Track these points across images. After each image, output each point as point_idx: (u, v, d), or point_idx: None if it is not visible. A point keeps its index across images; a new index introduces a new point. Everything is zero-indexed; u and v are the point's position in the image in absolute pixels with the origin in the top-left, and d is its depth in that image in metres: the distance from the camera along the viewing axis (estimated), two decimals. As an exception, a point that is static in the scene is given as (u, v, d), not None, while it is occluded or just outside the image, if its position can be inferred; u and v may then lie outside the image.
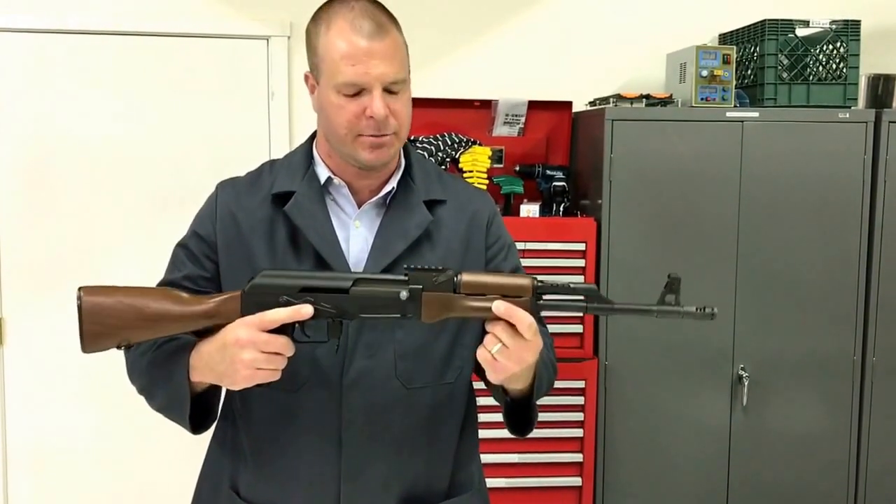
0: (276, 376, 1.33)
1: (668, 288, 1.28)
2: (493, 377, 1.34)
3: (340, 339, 1.37)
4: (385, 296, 1.32)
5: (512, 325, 1.28)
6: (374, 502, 1.45)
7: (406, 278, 1.33)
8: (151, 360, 1.44)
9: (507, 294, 1.31)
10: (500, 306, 1.28)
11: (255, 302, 1.33)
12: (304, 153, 1.53)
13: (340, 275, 1.36)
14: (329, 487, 1.45)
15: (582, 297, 1.31)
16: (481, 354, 1.31)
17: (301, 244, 1.45)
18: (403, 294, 1.31)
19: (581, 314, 2.67)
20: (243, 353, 1.29)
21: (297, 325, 1.33)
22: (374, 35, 1.38)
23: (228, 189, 1.53)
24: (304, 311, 1.31)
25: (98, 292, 1.35)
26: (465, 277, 1.32)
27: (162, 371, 1.42)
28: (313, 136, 1.55)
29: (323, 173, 1.49)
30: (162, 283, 1.50)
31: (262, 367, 1.31)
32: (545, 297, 1.32)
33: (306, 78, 1.48)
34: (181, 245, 1.53)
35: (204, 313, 1.36)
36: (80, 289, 1.35)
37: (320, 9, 1.44)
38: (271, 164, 1.56)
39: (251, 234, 1.46)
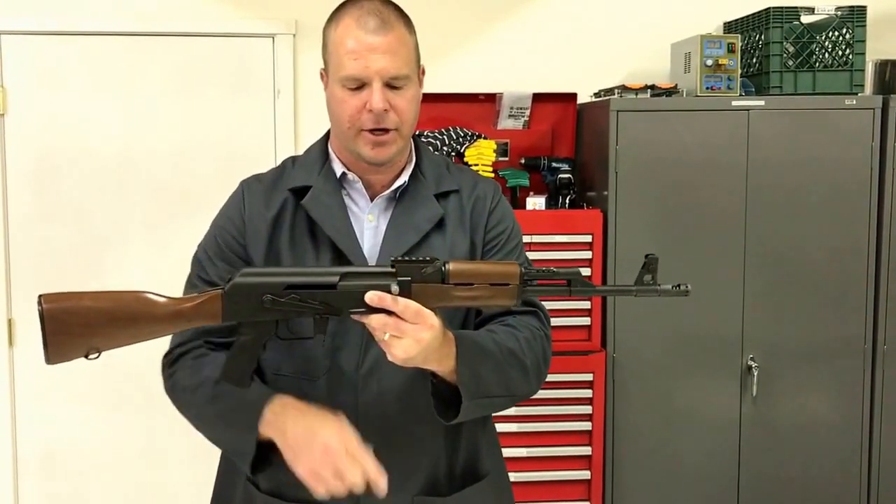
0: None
1: (646, 268, 1.33)
2: (396, 361, 1.30)
3: (327, 334, 1.35)
4: (375, 289, 1.29)
5: (391, 312, 1.27)
6: (393, 491, 1.43)
7: (394, 270, 1.31)
8: (218, 412, 1.43)
9: (495, 281, 1.31)
10: (372, 297, 1.27)
11: (237, 302, 1.31)
12: (320, 149, 1.57)
13: (325, 269, 1.34)
14: None
15: (566, 282, 1.33)
16: (379, 339, 1.30)
17: (319, 237, 1.48)
18: (394, 288, 1.29)
19: (575, 297, 2.75)
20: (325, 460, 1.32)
21: (279, 322, 1.33)
22: (377, 31, 1.42)
23: (254, 185, 1.55)
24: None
25: (61, 298, 1.28)
26: (453, 266, 1.32)
27: (230, 423, 1.42)
28: (329, 132, 1.58)
29: (338, 168, 1.53)
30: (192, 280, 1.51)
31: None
32: (531, 282, 1.33)
33: (321, 75, 1.53)
34: (203, 245, 1.54)
35: (180, 314, 1.31)
36: (40, 296, 1.28)
37: (336, 9, 1.49)
38: (293, 161, 1.59)
39: (275, 228, 1.49)
